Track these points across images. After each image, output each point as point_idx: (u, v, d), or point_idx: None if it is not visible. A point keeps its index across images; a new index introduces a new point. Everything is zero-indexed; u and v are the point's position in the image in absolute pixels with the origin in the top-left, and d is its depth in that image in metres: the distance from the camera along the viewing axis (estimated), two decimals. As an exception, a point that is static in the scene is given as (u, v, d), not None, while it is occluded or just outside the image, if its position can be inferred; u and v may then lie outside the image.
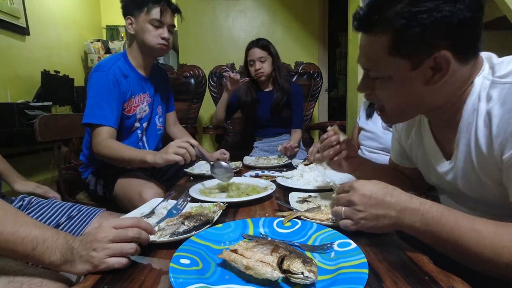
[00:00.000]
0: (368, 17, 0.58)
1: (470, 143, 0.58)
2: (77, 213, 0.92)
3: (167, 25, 1.25)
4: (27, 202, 0.89)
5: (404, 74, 0.57)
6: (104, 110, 1.15)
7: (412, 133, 0.79)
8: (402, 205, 0.52)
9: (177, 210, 0.69)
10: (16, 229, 0.50)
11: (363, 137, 1.47)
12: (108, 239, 0.49)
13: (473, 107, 0.57)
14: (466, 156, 0.60)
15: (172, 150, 0.98)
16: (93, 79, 1.19)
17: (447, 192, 0.75)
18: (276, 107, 1.83)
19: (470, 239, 0.47)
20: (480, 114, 0.56)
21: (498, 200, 0.59)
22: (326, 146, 0.81)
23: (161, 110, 1.45)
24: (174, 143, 1.00)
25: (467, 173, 0.62)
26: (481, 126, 0.55)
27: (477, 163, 0.58)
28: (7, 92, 2.62)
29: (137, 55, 1.30)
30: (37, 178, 2.79)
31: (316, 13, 3.00)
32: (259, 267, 0.43)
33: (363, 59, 0.63)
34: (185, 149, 0.97)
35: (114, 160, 1.12)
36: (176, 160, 0.97)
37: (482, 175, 0.59)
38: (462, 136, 0.60)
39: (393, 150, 0.92)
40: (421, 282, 0.44)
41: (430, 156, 0.72)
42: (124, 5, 1.25)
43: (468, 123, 0.58)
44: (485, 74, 0.57)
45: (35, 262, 0.51)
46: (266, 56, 1.78)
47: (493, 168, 0.56)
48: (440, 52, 0.53)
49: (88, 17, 4.21)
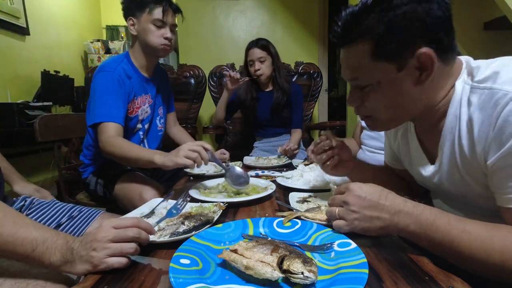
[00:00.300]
0: (346, 31, 0.60)
1: (454, 147, 0.59)
2: (78, 213, 0.92)
3: (169, 25, 1.25)
4: (29, 202, 0.89)
5: (392, 77, 0.58)
6: (111, 108, 1.14)
7: (398, 137, 0.80)
8: (396, 208, 0.53)
9: (176, 210, 0.69)
10: (16, 230, 0.50)
11: (366, 136, 1.46)
12: (108, 239, 0.49)
13: (455, 113, 0.58)
14: (451, 159, 0.61)
15: (184, 153, 0.91)
16: (98, 79, 1.18)
17: (437, 194, 0.75)
18: (276, 107, 1.83)
19: (462, 241, 0.48)
20: (462, 119, 0.56)
21: (484, 201, 0.60)
22: (319, 151, 0.84)
23: (162, 111, 1.45)
24: (187, 146, 0.93)
25: (452, 176, 0.62)
26: (464, 132, 0.56)
27: (461, 166, 0.59)
28: (7, 92, 2.62)
29: (139, 56, 1.30)
30: (37, 178, 2.79)
31: (316, 13, 3.00)
32: (259, 267, 0.43)
33: (348, 71, 0.64)
34: (198, 153, 0.91)
35: (121, 158, 1.09)
36: (187, 164, 0.91)
37: (467, 177, 0.60)
38: (446, 140, 0.61)
39: (386, 153, 0.93)
40: (421, 282, 0.44)
41: (416, 160, 0.73)
42: (125, 7, 1.25)
43: (451, 127, 0.59)
44: (464, 79, 0.58)
45: (35, 263, 0.51)
46: (265, 56, 1.78)
47: (477, 171, 0.57)
48: (422, 50, 0.55)
49: (88, 17, 4.21)
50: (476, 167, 0.56)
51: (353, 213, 0.55)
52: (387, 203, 0.54)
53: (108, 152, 1.10)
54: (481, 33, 1.89)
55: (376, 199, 0.54)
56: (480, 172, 0.56)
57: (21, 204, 0.88)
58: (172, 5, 1.25)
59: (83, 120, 1.44)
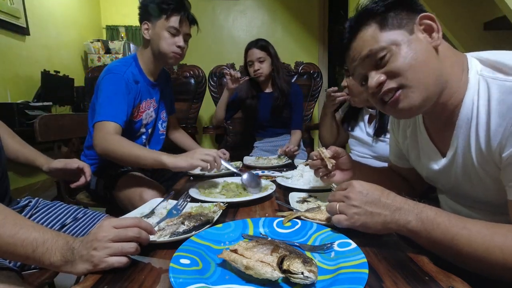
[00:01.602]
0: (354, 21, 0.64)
1: (470, 139, 0.59)
2: (83, 215, 0.93)
3: (183, 34, 1.25)
4: (34, 203, 0.90)
5: (407, 39, 0.60)
6: (115, 109, 1.14)
7: (407, 133, 0.80)
8: (397, 205, 0.53)
9: (177, 210, 0.69)
10: (15, 231, 0.51)
11: (354, 142, 1.41)
12: (108, 238, 0.49)
13: (470, 104, 0.58)
14: (465, 151, 0.61)
15: (199, 156, 0.95)
16: (106, 81, 1.18)
17: (445, 191, 0.75)
18: (276, 108, 1.83)
19: (463, 237, 0.48)
20: (480, 111, 0.56)
21: (493, 195, 0.60)
22: (314, 167, 0.86)
23: (165, 115, 1.46)
24: (202, 150, 0.98)
25: (466, 169, 0.62)
26: (482, 124, 0.56)
27: (475, 158, 0.59)
28: (7, 92, 2.62)
29: (148, 61, 1.30)
30: (37, 178, 2.79)
31: (316, 13, 3.00)
32: (259, 267, 0.43)
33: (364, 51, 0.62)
34: (213, 158, 0.95)
35: (119, 157, 1.05)
36: (202, 166, 0.95)
37: (479, 170, 0.59)
38: (460, 132, 0.61)
39: (391, 151, 0.92)
40: (421, 282, 0.44)
41: (426, 154, 0.72)
42: (143, 11, 1.26)
43: (467, 119, 0.59)
44: (478, 70, 0.58)
45: (36, 263, 0.52)
46: (265, 56, 1.78)
47: (491, 164, 0.57)
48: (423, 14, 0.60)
49: (88, 17, 4.21)
50: (490, 161, 0.56)
51: (354, 207, 0.55)
52: (388, 201, 0.54)
53: (103, 149, 1.06)
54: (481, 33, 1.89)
55: (378, 196, 0.55)
56: (494, 165, 0.56)
57: (25, 203, 0.89)
58: (189, 15, 1.27)
59: (83, 120, 1.44)
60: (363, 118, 1.36)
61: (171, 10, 1.21)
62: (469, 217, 0.50)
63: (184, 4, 1.25)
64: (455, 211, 0.73)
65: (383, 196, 0.55)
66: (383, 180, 0.89)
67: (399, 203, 0.54)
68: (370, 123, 1.33)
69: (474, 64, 0.60)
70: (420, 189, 0.91)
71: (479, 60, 0.60)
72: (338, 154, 0.83)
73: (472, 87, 0.58)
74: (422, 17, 0.60)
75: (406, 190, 0.82)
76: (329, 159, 0.81)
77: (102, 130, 1.09)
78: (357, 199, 0.55)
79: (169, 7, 1.20)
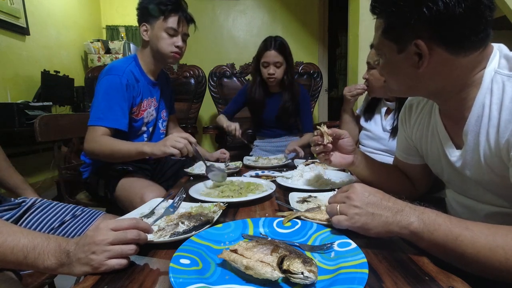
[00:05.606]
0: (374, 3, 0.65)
1: (480, 136, 0.60)
2: (81, 212, 0.93)
3: (182, 34, 1.27)
4: (31, 202, 0.89)
5: (393, 56, 0.64)
6: (117, 113, 1.17)
7: (421, 123, 0.80)
8: (399, 207, 0.53)
9: (173, 208, 0.69)
10: (3, 240, 0.50)
11: (364, 136, 1.43)
12: (107, 242, 0.48)
13: (483, 101, 0.59)
14: (474, 147, 0.62)
15: (170, 143, 1.01)
16: (105, 81, 1.19)
17: (455, 184, 0.75)
18: (282, 110, 1.81)
19: (466, 238, 0.48)
20: (493, 108, 0.57)
21: (504, 191, 0.61)
22: (313, 143, 0.88)
23: (165, 114, 1.47)
24: (173, 136, 1.03)
25: (475, 164, 0.63)
26: (494, 120, 0.57)
27: (483, 155, 0.60)
28: (7, 92, 2.62)
29: (148, 61, 1.31)
30: (37, 178, 2.79)
31: (316, 13, 3.00)
32: (259, 267, 0.43)
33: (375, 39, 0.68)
34: (183, 144, 1.00)
35: (107, 154, 1.13)
36: (174, 153, 1.00)
37: (488, 167, 0.60)
38: (470, 128, 0.62)
39: (399, 147, 0.91)
40: (421, 282, 0.44)
41: (442, 144, 0.73)
42: (141, 12, 1.27)
43: (478, 116, 0.60)
44: (495, 67, 0.58)
45: (30, 268, 0.51)
46: (282, 61, 1.71)
47: (498, 162, 0.57)
48: (421, 40, 0.58)
49: (88, 17, 4.21)
50: (497, 157, 0.57)
51: (355, 208, 0.55)
52: (389, 203, 0.54)
53: (91, 150, 1.14)
54: (481, 33, 1.89)
55: (379, 199, 0.55)
56: (501, 162, 0.57)
57: (20, 201, 0.88)
58: (187, 15, 1.28)
59: (83, 120, 1.44)
60: (380, 110, 1.38)
61: (169, 11, 1.22)
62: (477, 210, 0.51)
63: (181, 4, 1.26)
64: (463, 205, 0.74)
65: (385, 199, 0.55)
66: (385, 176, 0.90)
67: (401, 205, 0.54)
68: (386, 116, 1.35)
69: (494, 62, 0.60)
70: (423, 190, 0.90)
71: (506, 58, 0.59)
72: (338, 135, 0.86)
73: (486, 83, 0.58)
74: (420, 45, 0.58)
75: (406, 193, 0.82)
76: (327, 135, 0.84)
77: (90, 134, 1.15)
78: (359, 199, 0.55)
79: (166, 8, 1.22)
